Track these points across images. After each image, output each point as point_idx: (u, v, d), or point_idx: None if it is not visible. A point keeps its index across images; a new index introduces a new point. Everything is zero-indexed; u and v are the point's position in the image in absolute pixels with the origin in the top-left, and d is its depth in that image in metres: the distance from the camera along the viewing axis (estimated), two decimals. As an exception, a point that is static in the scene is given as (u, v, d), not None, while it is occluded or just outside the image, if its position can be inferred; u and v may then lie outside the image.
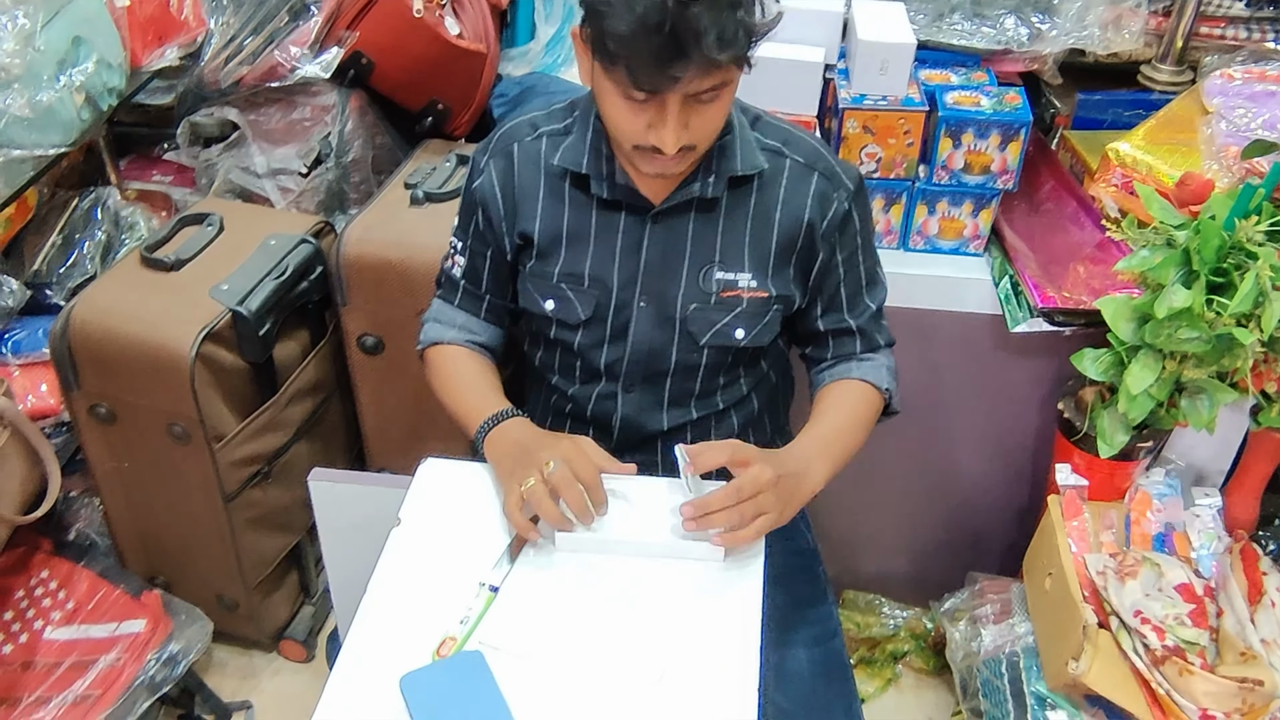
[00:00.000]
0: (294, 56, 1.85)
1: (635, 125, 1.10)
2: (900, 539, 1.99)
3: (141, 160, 2.20)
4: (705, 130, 1.12)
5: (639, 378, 1.32)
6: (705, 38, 1.00)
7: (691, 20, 0.99)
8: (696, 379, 1.33)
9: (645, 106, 1.08)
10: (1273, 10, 1.80)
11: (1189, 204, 1.45)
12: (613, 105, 1.11)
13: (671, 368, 1.31)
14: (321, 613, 2.01)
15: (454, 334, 1.38)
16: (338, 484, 1.35)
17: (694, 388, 1.34)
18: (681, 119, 1.08)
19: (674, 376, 1.32)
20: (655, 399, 1.34)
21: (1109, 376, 1.48)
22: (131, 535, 1.84)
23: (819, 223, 1.26)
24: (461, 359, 1.36)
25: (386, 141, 2.07)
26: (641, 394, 1.34)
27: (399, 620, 1.09)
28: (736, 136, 1.23)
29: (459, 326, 1.38)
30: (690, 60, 1.01)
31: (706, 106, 1.09)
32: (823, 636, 1.34)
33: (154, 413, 1.65)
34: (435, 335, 1.39)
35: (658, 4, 0.99)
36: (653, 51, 1.01)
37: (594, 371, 1.33)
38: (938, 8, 1.73)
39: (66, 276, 1.83)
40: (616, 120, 1.12)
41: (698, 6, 0.99)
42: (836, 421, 1.31)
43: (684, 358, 1.30)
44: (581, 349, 1.32)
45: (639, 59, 1.02)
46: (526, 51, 2.15)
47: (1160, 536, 1.57)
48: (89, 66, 1.63)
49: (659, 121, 1.09)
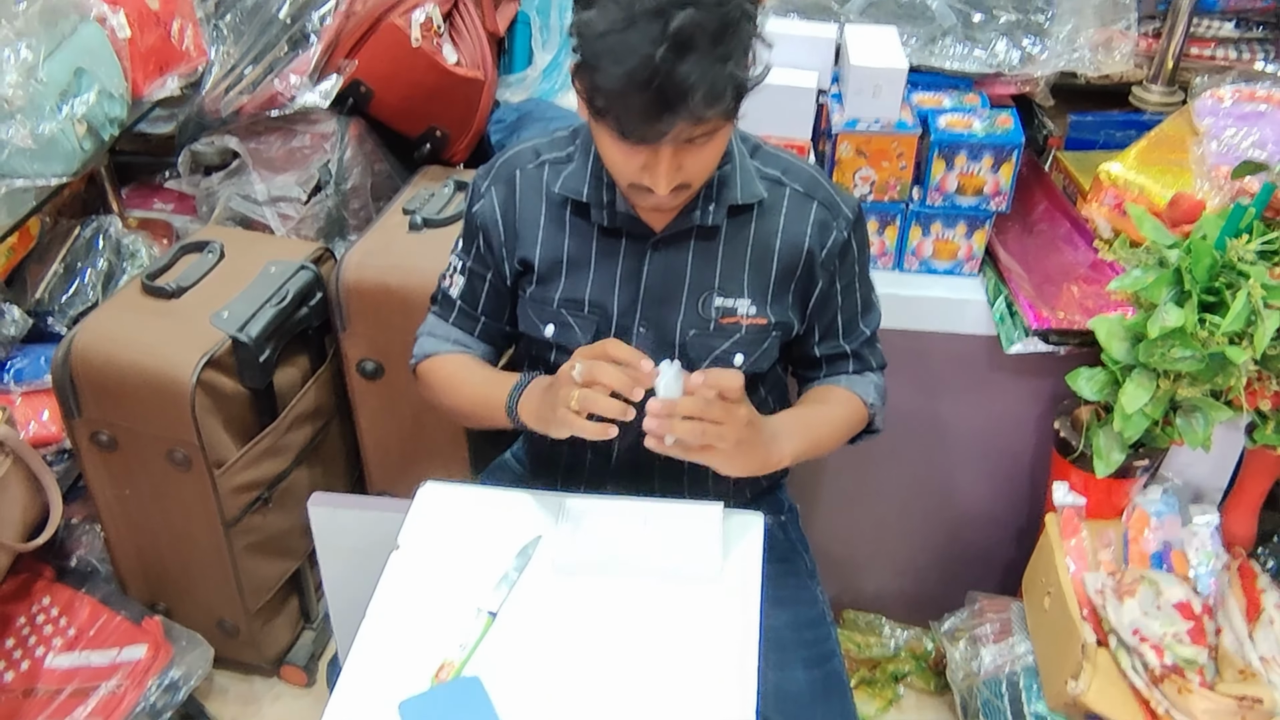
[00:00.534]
0: (293, 85, 1.87)
1: (629, 167, 1.11)
2: (899, 558, 1.99)
3: (143, 189, 2.22)
4: (700, 169, 1.13)
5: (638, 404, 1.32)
6: (694, 94, 1.00)
7: (680, 77, 1.00)
8: None
9: (638, 150, 1.09)
10: (1261, 31, 1.83)
11: (1180, 224, 1.47)
12: (607, 147, 1.12)
13: None
14: (322, 638, 2.01)
15: (449, 346, 1.39)
16: (337, 509, 1.35)
17: None
18: (675, 162, 1.09)
19: None
20: None
21: (1104, 395, 1.49)
22: (132, 561, 1.84)
23: (818, 251, 1.27)
24: (461, 360, 1.37)
25: (385, 168, 2.08)
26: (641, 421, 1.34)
27: (398, 645, 1.09)
28: (736, 165, 1.24)
29: (453, 341, 1.39)
30: (678, 115, 1.02)
31: (700, 149, 1.10)
32: (821, 657, 1.34)
33: (155, 439, 1.66)
34: (430, 348, 1.40)
35: (646, 60, 0.99)
36: (641, 107, 1.02)
37: None
38: (929, 32, 1.75)
39: (68, 305, 1.85)
40: (611, 160, 1.14)
41: (686, 63, 1.00)
42: (817, 412, 1.33)
43: None
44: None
45: (627, 113, 1.03)
46: (524, 78, 2.18)
47: (1158, 555, 1.57)
48: (91, 97, 1.65)
49: (652, 165, 1.10)
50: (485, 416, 1.30)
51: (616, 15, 1.01)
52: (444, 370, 1.37)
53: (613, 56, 1.01)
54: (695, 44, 1.00)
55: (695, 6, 1.00)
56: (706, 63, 1.00)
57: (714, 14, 1.00)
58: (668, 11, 0.99)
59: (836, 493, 1.89)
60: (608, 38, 1.01)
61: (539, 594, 1.15)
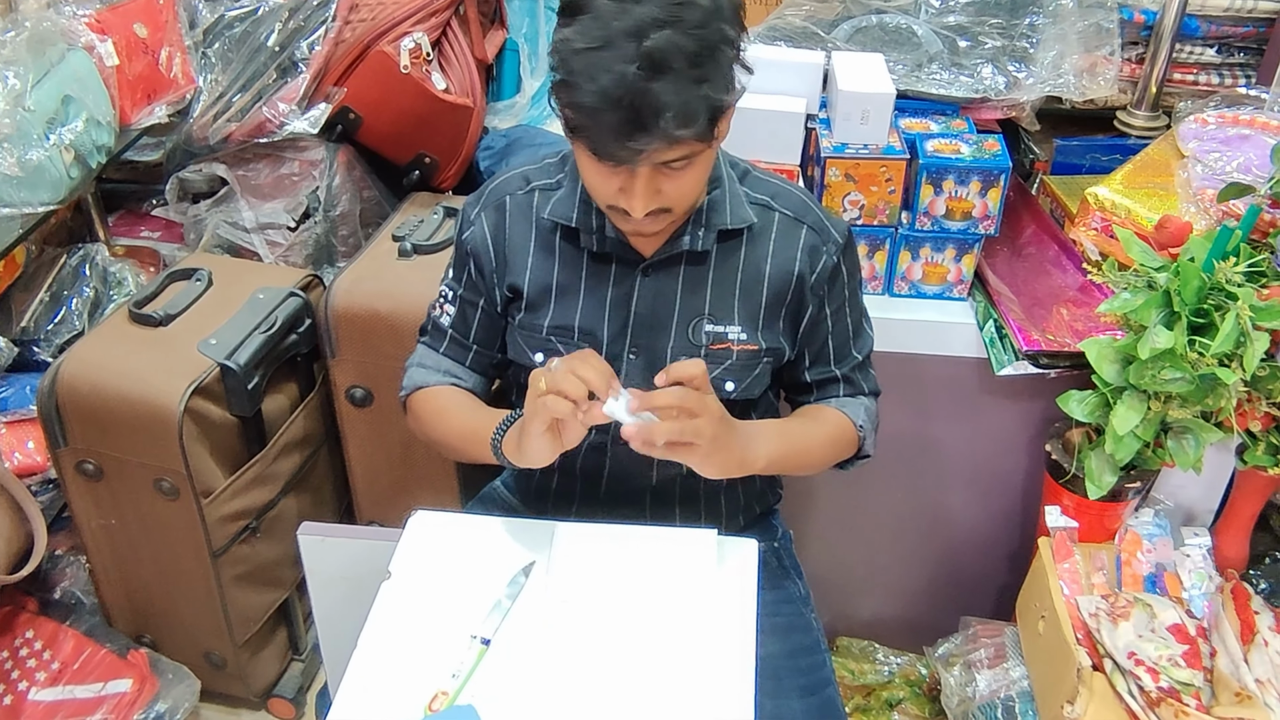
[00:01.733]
0: (282, 112, 1.87)
1: (607, 188, 1.12)
2: (892, 584, 1.98)
3: (130, 216, 2.21)
4: (679, 195, 1.13)
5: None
6: (665, 114, 1.01)
7: (653, 96, 1.00)
8: None
9: (615, 171, 1.09)
10: (1243, 57, 1.85)
11: (1168, 246, 1.47)
12: (585, 167, 1.13)
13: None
14: (311, 669, 1.99)
15: (439, 378, 1.37)
16: (327, 538, 1.34)
17: None
18: (651, 186, 1.09)
19: None
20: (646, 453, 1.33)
21: (1095, 418, 1.49)
22: (118, 593, 1.82)
23: (808, 275, 1.27)
24: (450, 394, 1.36)
25: (374, 195, 2.08)
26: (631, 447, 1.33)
27: (389, 676, 1.08)
28: (726, 190, 1.24)
29: (444, 371, 1.38)
30: (650, 135, 1.02)
31: (679, 173, 1.10)
32: (816, 685, 1.32)
33: (142, 468, 1.64)
34: (420, 380, 1.38)
35: (620, 78, 1.00)
36: (613, 125, 1.02)
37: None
38: (916, 58, 1.77)
39: (54, 333, 1.83)
40: (589, 181, 1.14)
41: (659, 83, 1.00)
42: (798, 424, 1.33)
43: None
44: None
45: (600, 132, 1.03)
46: (513, 105, 2.18)
47: (1151, 577, 1.57)
48: (78, 125, 1.65)
49: (628, 187, 1.10)
50: (472, 453, 1.28)
51: (594, 34, 1.01)
52: (434, 404, 1.36)
53: (588, 74, 1.01)
54: (670, 65, 1.00)
55: (673, 28, 1.00)
56: (681, 84, 1.01)
57: (692, 36, 1.01)
58: (645, 31, 0.99)
59: (828, 518, 1.89)
60: (584, 55, 1.01)
61: (533, 622, 1.13)
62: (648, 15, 1.00)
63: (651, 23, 1.00)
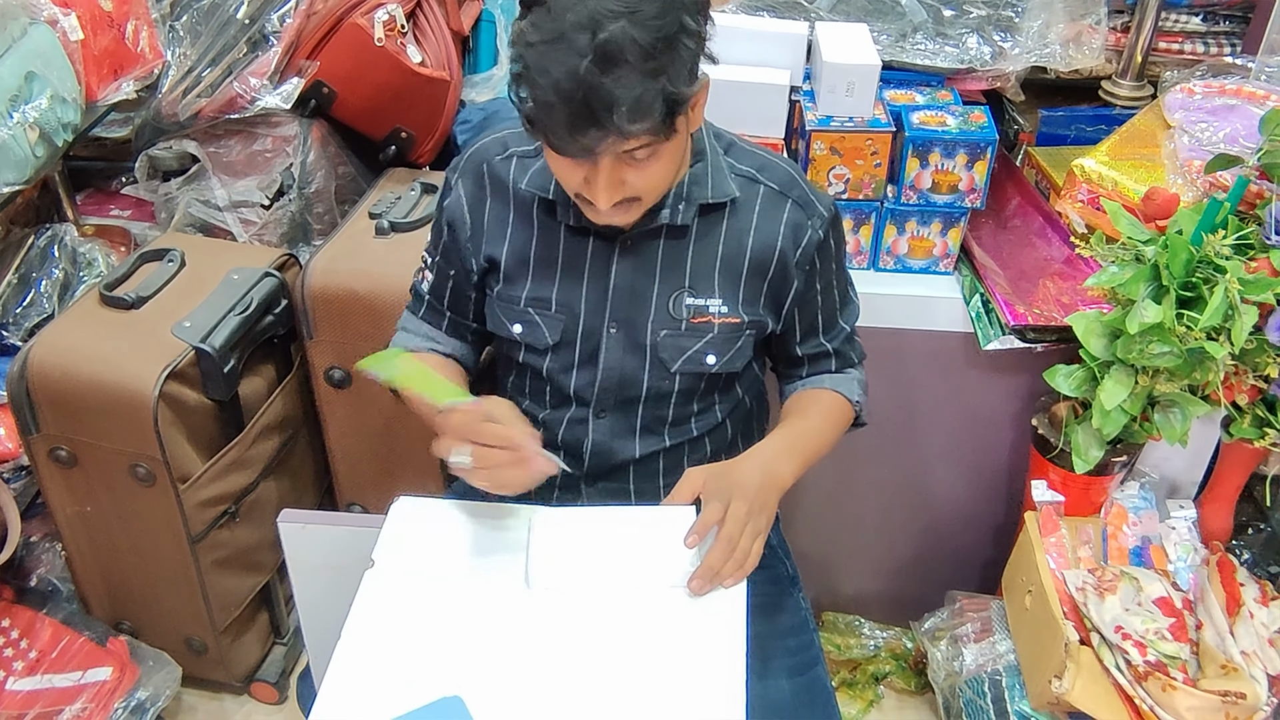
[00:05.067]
0: (253, 88, 1.82)
1: (573, 179, 1.10)
2: (878, 559, 1.98)
3: (98, 195, 2.16)
4: (646, 185, 1.11)
5: (611, 403, 1.31)
6: (619, 108, 0.99)
7: (605, 90, 0.98)
8: (669, 406, 1.32)
9: (579, 163, 1.07)
10: (1228, 25, 1.83)
11: (1155, 218, 1.46)
12: (549, 157, 1.11)
13: (644, 394, 1.30)
14: (293, 653, 1.97)
15: (419, 342, 1.38)
16: (308, 525, 1.32)
17: (667, 415, 1.32)
18: (615, 177, 1.08)
19: (646, 403, 1.31)
20: (628, 425, 1.33)
21: (1082, 392, 1.49)
22: (95, 580, 1.79)
23: (791, 252, 1.25)
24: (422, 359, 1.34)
25: (350, 171, 2.04)
26: (614, 420, 1.32)
27: (376, 666, 1.06)
28: (709, 163, 1.22)
29: (424, 335, 1.39)
30: (604, 130, 1.00)
31: (643, 164, 1.08)
32: (804, 665, 1.32)
33: (116, 454, 1.61)
34: (400, 343, 1.39)
35: (572, 72, 0.98)
36: (566, 120, 1.00)
37: (564, 396, 1.32)
38: (900, 28, 1.74)
39: (23, 316, 1.79)
40: (555, 170, 1.13)
41: (611, 76, 0.98)
42: (807, 423, 1.32)
43: (656, 384, 1.29)
44: (550, 373, 1.30)
45: (555, 126, 1.02)
46: (490, 77, 2.14)
47: (1137, 550, 1.57)
48: (43, 102, 1.60)
49: (592, 179, 1.08)
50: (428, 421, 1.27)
51: (549, 27, 0.99)
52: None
53: (541, 68, 1.00)
54: (624, 57, 0.98)
55: (628, 19, 0.98)
56: (634, 77, 0.99)
57: (648, 28, 0.99)
58: (599, 24, 0.98)
59: (813, 494, 1.88)
60: (539, 49, 1.00)
61: (519, 609, 1.12)
62: (603, 8, 0.98)
63: (606, 15, 0.98)
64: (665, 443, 1.34)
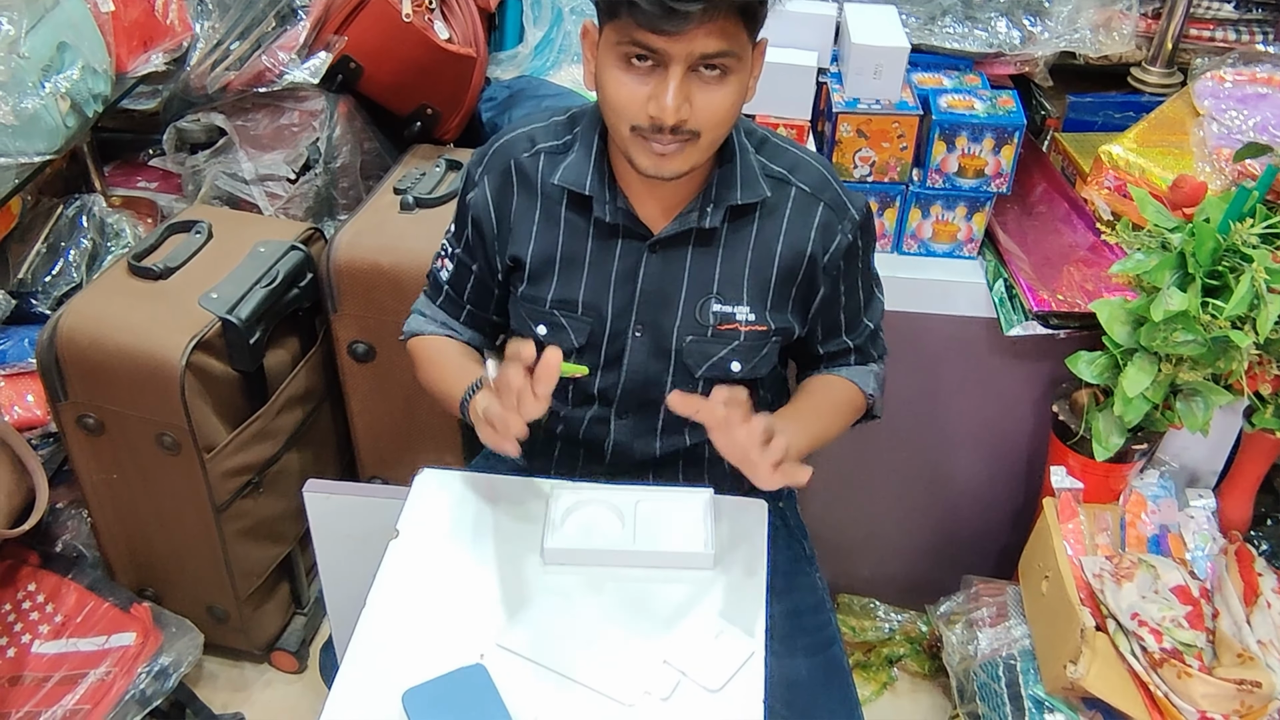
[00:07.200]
0: (282, 61, 1.83)
1: (636, 97, 1.06)
2: (895, 542, 1.98)
3: (126, 166, 2.18)
4: (708, 113, 1.07)
5: (633, 405, 1.30)
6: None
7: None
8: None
9: (648, 76, 1.05)
10: (1261, 13, 1.81)
11: (1182, 206, 1.46)
12: (614, 80, 1.07)
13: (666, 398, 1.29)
14: (314, 623, 1.99)
15: (435, 328, 1.37)
16: (333, 495, 1.33)
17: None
18: (683, 90, 1.05)
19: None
20: (649, 426, 1.32)
21: (1104, 379, 1.49)
22: (120, 547, 1.82)
23: (820, 255, 1.23)
24: (441, 345, 1.35)
25: (375, 146, 2.05)
26: (635, 421, 1.31)
27: (399, 635, 1.07)
28: (738, 163, 1.19)
29: (440, 323, 1.37)
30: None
31: (711, 87, 1.06)
32: (822, 644, 1.33)
33: (143, 423, 1.63)
34: (417, 327, 1.38)
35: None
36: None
37: (587, 396, 1.31)
38: (929, 11, 1.73)
39: (52, 285, 1.81)
40: (617, 96, 1.08)
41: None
42: (815, 404, 1.31)
43: (679, 388, 1.26)
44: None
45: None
46: (515, 55, 2.14)
47: (1155, 538, 1.57)
48: (74, 73, 1.61)
49: (661, 89, 1.05)
50: (451, 410, 1.27)
51: None
52: (425, 352, 1.35)
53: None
54: None
55: None
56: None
57: None
58: None
59: (832, 476, 1.89)
60: None
61: (542, 582, 1.13)
62: None
63: None
64: (686, 442, 1.33)
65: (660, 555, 1.15)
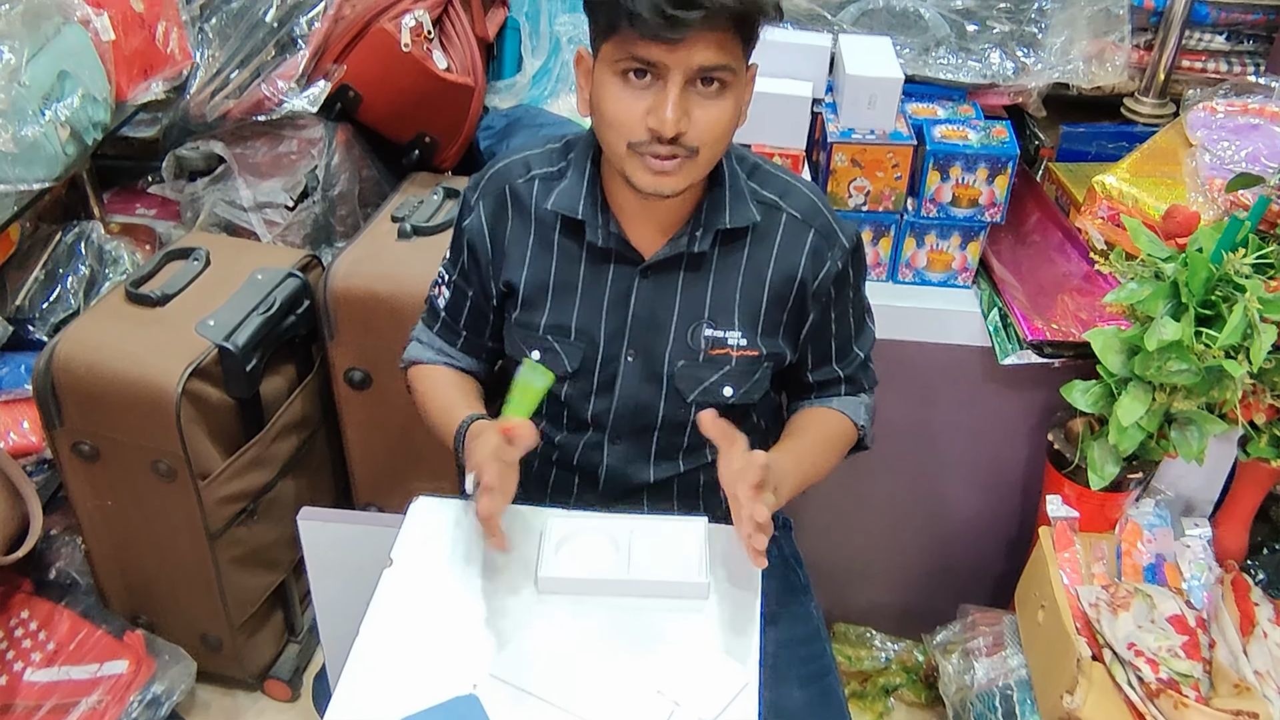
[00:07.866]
0: (281, 90, 1.84)
1: (635, 112, 1.07)
2: (891, 571, 1.98)
3: (125, 193, 2.19)
4: (706, 127, 1.08)
5: (626, 430, 1.30)
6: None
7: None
8: (684, 434, 1.30)
9: (647, 91, 1.06)
10: (1252, 44, 1.83)
11: (1175, 236, 1.46)
12: (612, 96, 1.08)
13: (659, 423, 1.29)
14: (307, 651, 1.98)
15: (432, 355, 1.37)
16: (328, 523, 1.33)
17: (682, 441, 1.31)
18: (682, 103, 1.05)
19: (661, 430, 1.30)
20: (642, 451, 1.32)
21: (1099, 408, 1.49)
22: (114, 574, 1.81)
23: (810, 281, 1.23)
24: (438, 375, 1.35)
25: (373, 174, 2.06)
26: (628, 446, 1.31)
27: (392, 664, 1.07)
28: (727, 189, 1.20)
29: (437, 350, 1.38)
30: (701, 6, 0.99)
31: (708, 101, 1.07)
32: (817, 674, 1.32)
33: (138, 450, 1.63)
34: (415, 355, 1.38)
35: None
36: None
37: (580, 421, 1.31)
38: (923, 42, 1.75)
39: (50, 312, 1.81)
40: (616, 111, 1.08)
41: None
42: (806, 443, 1.30)
43: (671, 413, 1.28)
44: (568, 399, 1.29)
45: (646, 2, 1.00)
46: (513, 84, 2.16)
47: (1151, 567, 1.57)
48: (74, 101, 1.62)
49: (660, 101, 1.05)
50: (444, 442, 1.28)
51: None
52: (422, 384, 1.36)
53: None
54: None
55: None
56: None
57: None
58: None
59: (827, 504, 1.88)
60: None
61: (536, 611, 1.13)
62: None
63: None
64: (679, 468, 1.33)
65: (655, 584, 1.15)
